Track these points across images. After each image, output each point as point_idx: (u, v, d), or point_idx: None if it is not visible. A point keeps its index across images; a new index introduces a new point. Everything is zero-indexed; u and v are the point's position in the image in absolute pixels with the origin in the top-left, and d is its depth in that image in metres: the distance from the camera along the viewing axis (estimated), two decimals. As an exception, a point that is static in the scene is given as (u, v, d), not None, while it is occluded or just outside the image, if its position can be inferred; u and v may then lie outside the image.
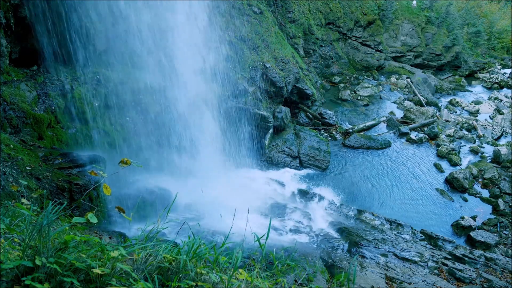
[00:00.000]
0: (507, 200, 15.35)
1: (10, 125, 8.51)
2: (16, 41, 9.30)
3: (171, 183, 11.22)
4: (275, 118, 16.30)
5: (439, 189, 15.81)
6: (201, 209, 11.24)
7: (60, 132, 9.58)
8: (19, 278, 2.16)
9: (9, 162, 7.46)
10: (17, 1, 8.74)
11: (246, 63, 16.12)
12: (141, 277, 2.42)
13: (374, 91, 24.37)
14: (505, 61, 35.67)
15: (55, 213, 2.54)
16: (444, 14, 31.52)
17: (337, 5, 25.89)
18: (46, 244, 2.30)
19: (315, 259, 9.79)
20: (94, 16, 9.45)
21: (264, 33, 17.74)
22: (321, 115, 19.58)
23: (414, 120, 21.38)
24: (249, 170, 14.85)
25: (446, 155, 18.20)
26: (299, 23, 22.21)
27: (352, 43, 27.29)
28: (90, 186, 7.98)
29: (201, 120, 12.93)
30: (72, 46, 9.54)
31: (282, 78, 17.04)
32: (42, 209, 2.90)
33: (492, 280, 9.96)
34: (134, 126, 11.10)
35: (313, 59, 23.96)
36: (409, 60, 30.48)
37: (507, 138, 21.24)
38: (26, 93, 9.09)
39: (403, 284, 9.15)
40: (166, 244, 2.78)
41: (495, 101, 26.30)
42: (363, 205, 14.08)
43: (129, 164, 3.15)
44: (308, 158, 16.10)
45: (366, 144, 18.15)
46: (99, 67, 10.43)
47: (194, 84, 12.58)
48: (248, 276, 2.65)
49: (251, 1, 18.05)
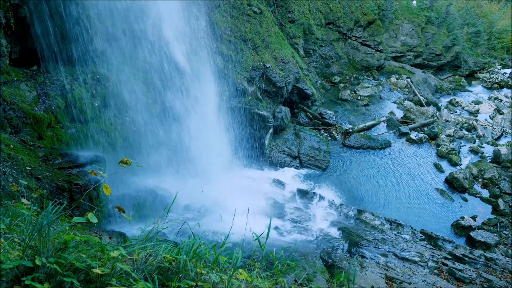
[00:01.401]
0: (507, 200, 15.35)
1: (10, 125, 8.51)
2: (16, 41, 9.30)
3: (171, 183, 11.23)
4: (275, 118, 16.30)
5: (439, 189, 15.81)
6: (201, 209, 11.25)
7: (60, 132, 9.57)
8: (19, 278, 2.16)
9: (9, 162, 7.46)
10: (17, 1, 8.74)
11: (246, 63, 16.12)
12: (141, 277, 2.42)
13: (374, 91, 24.37)
14: (505, 61, 35.68)
15: (55, 213, 2.54)
16: (444, 14, 31.53)
17: (337, 5, 25.89)
18: (46, 244, 2.30)
19: (315, 259, 9.79)
20: (94, 16, 9.45)
21: (264, 33, 17.74)
22: (321, 115, 19.58)
23: (414, 120, 21.38)
24: (249, 170, 14.85)
25: (446, 155, 18.20)
26: (299, 23, 22.21)
27: (352, 43, 27.29)
28: (90, 186, 7.98)
29: (201, 120, 12.93)
30: (72, 46, 9.54)
31: (282, 78, 17.04)
32: (42, 209, 2.90)
33: (492, 280, 9.96)
34: (134, 126, 11.10)
35: (313, 59, 23.97)
36: (409, 60, 30.48)
37: (507, 138, 21.24)
38: (26, 93, 9.09)
39: (403, 284, 9.15)
40: (166, 244, 2.78)
41: (495, 101, 26.30)
42: (363, 205, 14.09)
43: (129, 164, 3.15)
44: (308, 158, 16.10)
45: (366, 144, 18.16)
46: (99, 67, 10.42)
47: (194, 84, 12.58)
48: (248, 276, 2.65)
49: (251, 1, 18.05)
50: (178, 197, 3.41)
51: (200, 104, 12.85)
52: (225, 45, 15.12)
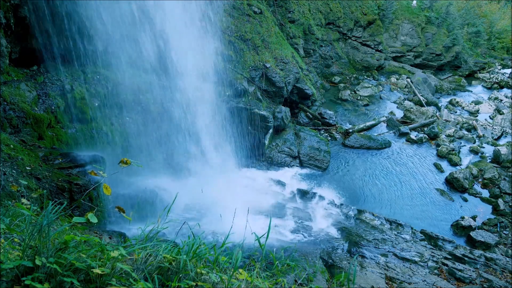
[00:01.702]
0: (507, 200, 15.35)
1: (10, 125, 8.51)
2: (16, 41, 9.30)
3: (171, 183, 11.23)
4: (275, 118, 16.30)
5: (439, 189, 15.81)
6: (201, 209, 11.25)
7: (60, 132, 9.57)
8: (19, 278, 2.16)
9: (9, 162, 7.46)
10: (17, 1, 8.74)
11: (246, 63, 16.12)
12: (141, 277, 2.42)
13: (374, 91, 24.37)
14: (505, 61, 35.68)
15: (55, 213, 2.54)
16: (444, 14, 31.53)
17: (337, 5, 25.89)
18: (46, 244, 2.30)
19: (315, 259, 9.79)
20: (94, 16, 9.45)
21: (264, 33, 17.74)
22: (321, 115, 19.58)
23: (414, 120, 21.38)
24: (249, 170, 14.85)
25: (446, 155, 18.20)
26: (299, 23, 22.21)
27: (352, 43, 27.29)
28: (90, 186, 7.98)
29: (201, 120, 12.93)
30: (72, 46, 9.53)
31: (282, 78, 17.04)
32: (42, 209, 2.90)
33: (492, 280, 9.96)
34: (134, 126, 11.10)
35: (313, 59, 23.96)
36: (409, 60, 30.48)
37: (507, 138, 21.24)
38: (26, 93, 9.09)
39: (403, 284, 9.15)
40: (166, 244, 2.78)
41: (495, 101, 26.30)
42: (363, 205, 14.08)
43: (129, 164, 3.15)
44: (308, 158, 16.10)
45: (366, 144, 18.15)
46: (99, 67, 10.43)
47: (194, 84, 12.58)
48: (248, 276, 2.65)
49: (251, 1, 18.05)
50: (178, 197, 3.41)
51: (200, 104, 12.86)
52: (225, 45, 15.12)
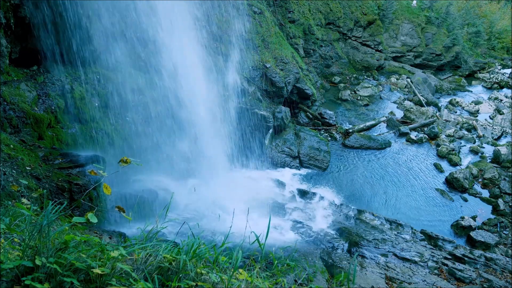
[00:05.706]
0: (507, 200, 15.35)
1: (10, 125, 8.51)
2: (16, 41, 9.30)
3: (171, 183, 11.23)
4: (275, 118, 16.30)
5: (439, 189, 15.80)
6: (201, 209, 11.24)
7: (60, 132, 9.57)
8: (19, 278, 2.16)
9: (9, 162, 7.46)
10: (17, 1, 8.74)
11: (246, 63, 16.12)
12: (141, 277, 2.42)
13: (374, 91, 24.36)
14: (505, 61, 35.66)
15: (55, 213, 2.54)
16: (444, 14, 31.53)
17: (337, 5, 25.89)
18: (46, 244, 2.30)
19: (315, 259, 9.79)
20: (94, 16, 9.45)
21: (264, 33, 17.74)
22: (321, 115, 19.57)
23: (414, 120, 21.38)
24: (249, 170, 14.85)
25: (446, 155, 18.20)
26: (299, 23, 22.21)
27: (352, 43, 27.28)
28: (90, 186, 7.98)
29: (201, 121, 12.93)
30: (72, 46, 9.54)
31: (282, 78, 17.04)
32: (42, 209, 2.90)
33: (492, 280, 9.96)
34: (134, 126, 11.10)
35: (313, 59, 23.96)
36: (409, 60, 30.47)
37: (507, 138, 21.24)
38: (26, 93, 9.09)
39: (403, 284, 9.15)
40: (166, 244, 2.78)
41: (495, 101, 26.30)
42: (363, 205, 14.08)
43: (129, 163, 3.15)
44: (308, 158, 16.10)
45: (366, 144, 18.15)
46: (99, 67, 10.43)
47: (194, 84, 12.58)
48: (248, 276, 2.65)
49: (251, 1, 18.05)
50: (178, 197, 3.41)
51: (200, 104, 12.86)
52: (225, 45, 15.12)
